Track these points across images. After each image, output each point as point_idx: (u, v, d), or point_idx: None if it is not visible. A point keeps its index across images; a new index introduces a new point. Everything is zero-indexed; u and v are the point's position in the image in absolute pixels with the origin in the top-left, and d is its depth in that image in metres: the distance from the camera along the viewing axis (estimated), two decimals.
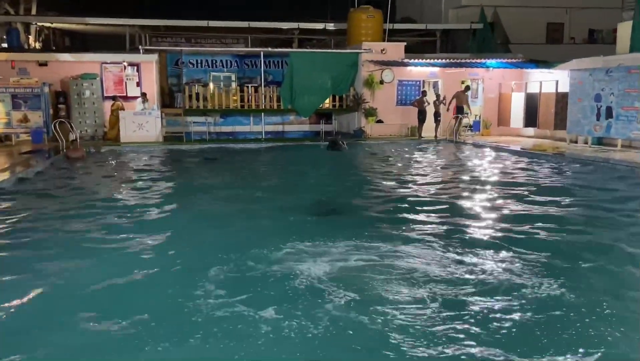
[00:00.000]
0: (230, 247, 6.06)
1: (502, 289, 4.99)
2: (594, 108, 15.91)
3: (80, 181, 11.41)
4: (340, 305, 4.61)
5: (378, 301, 4.71)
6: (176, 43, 23.02)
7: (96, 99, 18.57)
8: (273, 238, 6.40)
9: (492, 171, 12.67)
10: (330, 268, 5.43)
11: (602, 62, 16.39)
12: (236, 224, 7.33)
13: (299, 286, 5.00)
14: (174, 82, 20.64)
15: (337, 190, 10.21)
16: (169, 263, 5.72)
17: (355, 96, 20.06)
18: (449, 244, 6.37)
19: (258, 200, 9.09)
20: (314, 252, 5.89)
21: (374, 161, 14.57)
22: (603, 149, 15.29)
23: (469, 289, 5.00)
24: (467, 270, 5.49)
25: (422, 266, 5.58)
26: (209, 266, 5.49)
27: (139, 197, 9.42)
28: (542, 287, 5.03)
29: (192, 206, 8.57)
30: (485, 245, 6.32)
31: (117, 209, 8.34)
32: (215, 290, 4.90)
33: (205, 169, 13.25)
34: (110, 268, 5.52)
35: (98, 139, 18.45)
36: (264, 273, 5.32)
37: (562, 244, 6.46)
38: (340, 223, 7.52)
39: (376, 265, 5.57)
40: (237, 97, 19.45)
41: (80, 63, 18.68)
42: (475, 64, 20.07)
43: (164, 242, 6.53)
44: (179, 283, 5.13)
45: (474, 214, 7.96)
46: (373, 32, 20.71)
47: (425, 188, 10.31)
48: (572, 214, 8.11)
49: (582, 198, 9.33)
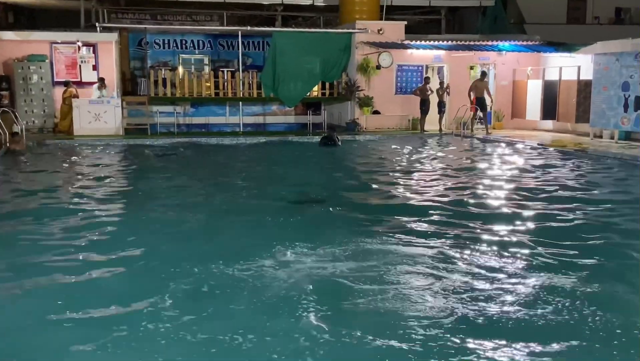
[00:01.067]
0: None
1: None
2: (621, 98, 15.97)
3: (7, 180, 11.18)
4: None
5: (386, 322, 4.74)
6: (140, 20, 22.97)
7: (45, 84, 18.57)
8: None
9: (503, 172, 12.64)
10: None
11: (631, 46, 16.31)
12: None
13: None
14: (137, 66, 20.66)
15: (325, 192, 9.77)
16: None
17: (348, 83, 20.07)
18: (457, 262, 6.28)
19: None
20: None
21: (372, 166, 13.98)
22: (631, 145, 15.35)
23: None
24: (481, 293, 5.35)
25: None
26: (167, 281, 5.51)
27: (66, 202, 9.15)
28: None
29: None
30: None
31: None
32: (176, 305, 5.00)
33: (161, 167, 13.29)
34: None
35: (48, 131, 18.53)
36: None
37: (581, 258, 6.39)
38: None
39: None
40: (211, 84, 19.44)
41: (26, 43, 18.58)
42: (486, 47, 20.12)
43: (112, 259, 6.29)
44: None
45: (486, 230, 7.72)
46: (369, 9, 20.71)
47: (428, 194, 10.11)
48: (592, 221, 8.09)
49: (605, 202, 9.30)
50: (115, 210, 8.72)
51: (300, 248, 6.52)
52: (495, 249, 6.66)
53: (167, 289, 5.30)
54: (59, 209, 8.65)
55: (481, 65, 20.91)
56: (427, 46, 19.95)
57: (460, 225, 7.72)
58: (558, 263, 6.14)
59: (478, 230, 7.52)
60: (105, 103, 17.95)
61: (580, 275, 5.78)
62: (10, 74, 18.38)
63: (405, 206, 9.07)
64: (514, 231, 7.47)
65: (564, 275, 5.78)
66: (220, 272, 5.80)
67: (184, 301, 5.09)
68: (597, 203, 9.18)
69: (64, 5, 22.80)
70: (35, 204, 9.07)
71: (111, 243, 6.83)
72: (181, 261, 6.06)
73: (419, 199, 9.59)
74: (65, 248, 6.63)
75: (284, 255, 6.27)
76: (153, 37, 20.52)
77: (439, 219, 8.09)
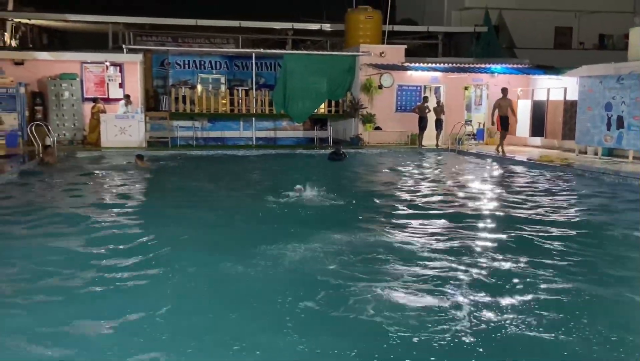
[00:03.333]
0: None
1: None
2: (604, 117, 16.09)
3: (39, 193, 11.00)
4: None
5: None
6: (162, 42, 23.36)
7: (75, 100, 18.89)
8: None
9: (495, 184, 13.00)
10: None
11: (613, 69, 16.72)
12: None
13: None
14: (160, 84, 21.08)
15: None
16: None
17: (352, 101, 20.49)
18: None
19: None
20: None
21: (377, 176, 14.43)
22: (614, 161, 15.54)
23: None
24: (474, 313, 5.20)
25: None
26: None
27: (99, 213, 9.04)
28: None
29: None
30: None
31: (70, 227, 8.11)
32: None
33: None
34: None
35: (77, 143, 18.74)
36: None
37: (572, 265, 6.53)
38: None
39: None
40: (227, 101, 19.85)
41: (59, 62, 19.02)
42: (479, 69, 20.50)
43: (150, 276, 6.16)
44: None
45: (476, 237, 7.81)
46: (371, 33, 21.17)
47: (425, 203, 10.31)
48: (580, 229, 8.19)
49: (590, 213, 9.52)
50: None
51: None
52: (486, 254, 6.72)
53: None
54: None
55: (475, 86, 21.29)
56: (425, 68, 20.36)
57: (453, 231, 7.87)
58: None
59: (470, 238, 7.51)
60: (130, 118, 18.22)
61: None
62: (44, 91, 18.68)
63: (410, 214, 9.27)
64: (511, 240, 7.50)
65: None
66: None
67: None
68: (582, 212, 9.41)
69: (94, 29, 23.24)
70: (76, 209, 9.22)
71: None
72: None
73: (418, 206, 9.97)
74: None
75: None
76: (174, 58, 20.97)
77: (436, 227, 8.25)
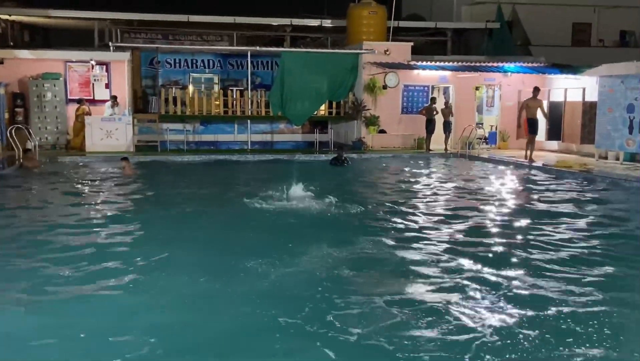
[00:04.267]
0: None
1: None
2: (626, 120, 15.94)
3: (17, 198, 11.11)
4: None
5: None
6: (151, 40, 23.11)
7: (59, 102, 18.66)
8: None
9: (507, 192, 12.55)
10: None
11: (636, 68, 16.33)
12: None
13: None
14: (149, 84, 20.85)
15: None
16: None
17: (355, 102, 20.15)
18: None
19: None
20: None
21: (377, 186, 13.79)
22: (637, 167, 15.27)
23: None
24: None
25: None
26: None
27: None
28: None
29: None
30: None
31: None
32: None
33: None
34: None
35: (60, 148, 18.60)
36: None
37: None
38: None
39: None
40: (220, 102, 19.53)
41: (41, 61, 18.78)
42: (492, 68, 20.15)
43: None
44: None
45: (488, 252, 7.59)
46: (375, 30, 20.90)
47: (432, 216, 9.94)
48: (597, 243, 7.99)
49: (610, 222, 9.27)
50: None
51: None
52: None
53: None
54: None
55: (487, 86, 20.92)
56: (433, 67, 20.00)
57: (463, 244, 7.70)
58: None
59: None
60: (117, 120, 18.05)
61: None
62: (26, 92, 18.52)
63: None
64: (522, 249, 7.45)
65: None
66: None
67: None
68: (601, 222, 9.19)
69: (79, 25, 23.08)
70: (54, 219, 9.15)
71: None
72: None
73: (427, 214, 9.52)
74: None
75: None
76: (164, 56, 20.76)
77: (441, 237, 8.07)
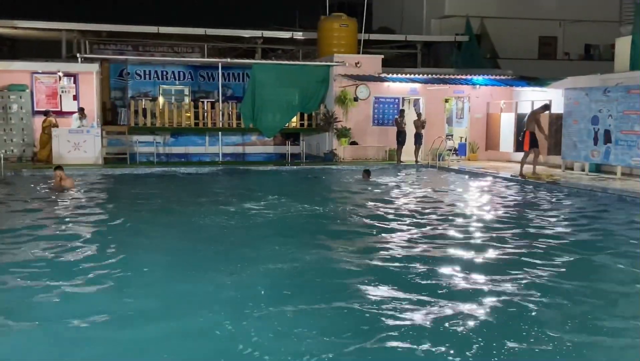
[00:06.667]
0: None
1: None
2: (591, 132, 16.04)
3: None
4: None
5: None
6: (121, 51, 22.98)
7: (25, 114, 18.40)
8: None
9: (478, 203, 12.59)
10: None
11: (600, 81, 16.64)
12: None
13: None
14: (118, 96, 20.69)
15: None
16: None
17: (326, 114, 20.13)
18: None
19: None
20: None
21: (341, 194, 13.88)
22: (601, 177, 15.43)
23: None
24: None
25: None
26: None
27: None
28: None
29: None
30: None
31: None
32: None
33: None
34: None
35: (27, 160, 18.26)
36: None
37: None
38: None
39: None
40: (191, 114, 19.44)
41: (7, 72, 18.54)
42: (460, 81, 20.25)
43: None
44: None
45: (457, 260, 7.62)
46: (346, 42, 20.91)
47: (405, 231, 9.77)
48: (567, 250, 8.07)
49: (577, 232, 9.37)
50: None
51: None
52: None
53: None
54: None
55: (456, 98, 21.00)
56: (403, 79, 20.11)
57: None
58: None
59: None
60: (85, 132, 17.77)
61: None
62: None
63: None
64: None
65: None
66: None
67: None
68: (569, 232, 9.30)
69: (46, 36, 22.74)
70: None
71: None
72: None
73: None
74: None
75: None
76: (134, 67, 20.59)
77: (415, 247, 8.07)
